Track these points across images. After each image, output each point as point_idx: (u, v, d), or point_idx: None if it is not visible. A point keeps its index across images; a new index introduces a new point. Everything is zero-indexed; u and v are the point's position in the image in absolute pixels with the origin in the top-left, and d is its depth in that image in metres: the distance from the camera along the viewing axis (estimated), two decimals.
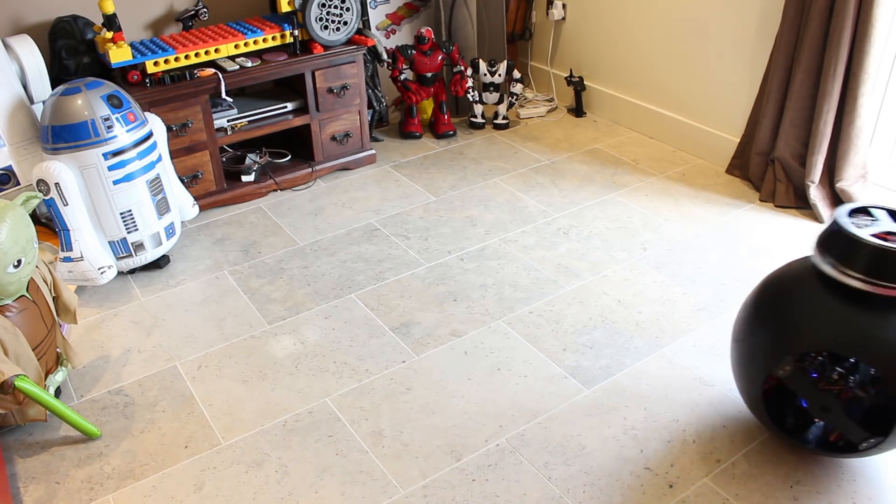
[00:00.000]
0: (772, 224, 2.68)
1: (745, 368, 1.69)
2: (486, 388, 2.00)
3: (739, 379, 1.73)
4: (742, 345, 1.69)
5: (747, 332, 1.68)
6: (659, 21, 3.13)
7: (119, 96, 2.26)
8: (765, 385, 1.66)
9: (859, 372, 1.61)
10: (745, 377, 1.69)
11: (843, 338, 1.52)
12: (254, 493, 1.72)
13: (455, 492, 1.71)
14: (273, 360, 2.12)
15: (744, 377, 1.70)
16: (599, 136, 3.38)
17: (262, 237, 2.69)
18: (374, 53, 3.14)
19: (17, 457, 1.83)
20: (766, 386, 1.67)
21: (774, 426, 1.70)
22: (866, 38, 2.40)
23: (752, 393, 1.69)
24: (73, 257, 2.26)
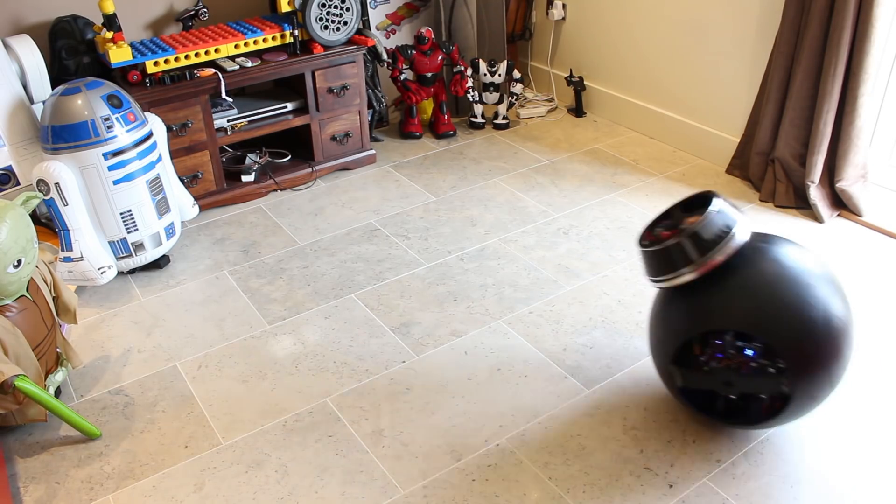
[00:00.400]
0: (772, 224, 2.68)
1: (655, 349, 1.79)
2: (486, 388, 2.00)
3: (655, 358, 1.81)
4: (653, 330, 1.80)
5: (657, 317, 1.78)
6: (659, 21, 3.13)
7: (119, 96, 2.26)
8: (673, 363, 1.75)
9: (748, 345, 1.68)
10: (657, 356, 1.79)
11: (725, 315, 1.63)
12: (254, 493, 1.72)
13: (455, 492, 1.71)
14: (273, 360, 2.12)
15: (657, 356, 1.80)
16: (599, 136, 3.38)
17: (262, 237, 2.69)
18: (374, 53, 3.14)
19: (17, 457, 1.83)
20: (675, 364, 1.75)
21: (687, 403, 1.79)
22: (866, 38, 2.40)
23: (663, 369, 1.79)
24: (73, 257, 2.26)
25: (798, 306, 1.59)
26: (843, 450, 1.78)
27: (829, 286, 1.65)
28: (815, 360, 1.60)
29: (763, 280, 1.62)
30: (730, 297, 1.63)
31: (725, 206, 1.66)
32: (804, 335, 1.59)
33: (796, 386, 1.61)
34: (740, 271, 1.64)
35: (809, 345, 1.59)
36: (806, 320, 1.59)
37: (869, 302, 2.27)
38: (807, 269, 1.65)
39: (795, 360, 1.59)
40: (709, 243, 1.61)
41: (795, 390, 1.61)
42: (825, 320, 1.60)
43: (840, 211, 2.70)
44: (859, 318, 2.21)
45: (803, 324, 1.59)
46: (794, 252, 1.69)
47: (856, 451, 1.78)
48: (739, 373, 1.68)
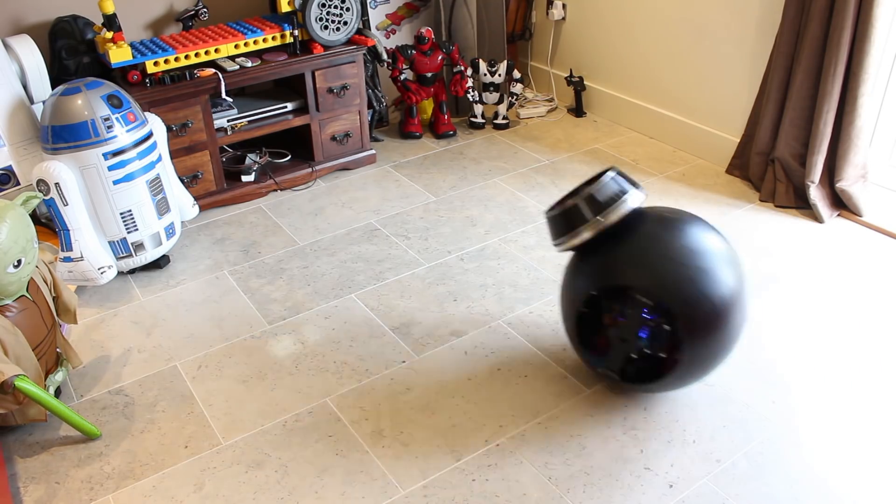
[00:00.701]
0: (772, 224, 2.68)
1: (564, 311, 1.90)
2: (486, 388, 2.00)
3: (564, 320, 1.92)
4: (562, 295, 1.91)
5: (564, 283, 1.90)
6: (659, 21, 3.13)
7: (119, 96, 2.26)
8: (577, 324, 1.87)
9: (643, 305, 1.78)
10: (565, 317, 1.91)
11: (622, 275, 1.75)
12: (254, 493, 1.72)
13: (455, 492, 1.71)
14: (273, 360, 2.12)
15: (564, 318, 1.91)
16: (599, 136, 3.38)
17: (262, 237, 2.69)
18: (374, 53, 3.14)
19: (17, 457, 1.83)
20: (578, 324, 1.87)
21: (590, 362, 1.90)
22: (866, 38, 2.40)
23: (569, 329, 1.91)
24: (73, 257, 2.26)
25: (693, 274, 1.69)
26: (843, 450, 1.79)
27: (726, 262, 1.74)
28: (705, 327, 1.69)
29: (663, 246, 1.72)
30: (629, 258, 1.74)
31: (622, 177, 1.79)
32: (695, 301, 1.68)
33: (685, 349, 1.70)
34: (642, 236, 1.75)
35: (700, 311, 1.68)
36: (699, 288, 1.68)
37: (869, 302, 2.27)
38: (707, 243, 1.75)
39: (685, 324, 1.68)
40: (603, 205, 1.73)
41: (684, 353, 1.71)
42: (717, 291, 1.69)
43: (840, 211, 2.70)
44: (858, 318, 2.21)
45: (695, 290, 1.68)
46: (699, 227, 1.79)
47: (856, 452, 1.78)
48: (633, 331, 1.78)
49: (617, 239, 1.77)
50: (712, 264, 1.71)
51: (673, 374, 1.75)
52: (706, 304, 1.68)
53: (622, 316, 1.80)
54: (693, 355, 1.72)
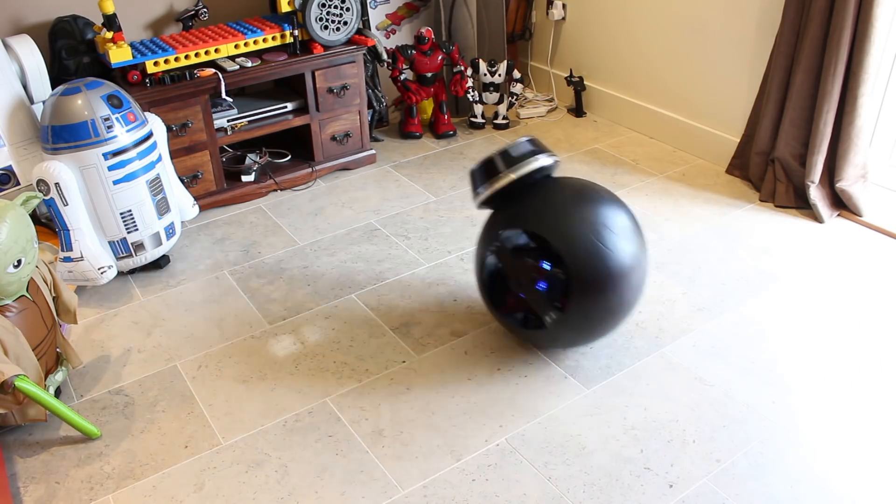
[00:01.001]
0: (772, 224, 2.68)
1: (475, 263, 2.07)
2: (486, 388, 2.00)
3: (475, 272, 2.09)
4: (476, 247, 2.07)
5: (480, 236, 2.05)
6: (659, 21, 3.13)
7: (119, 96, 2.26)
8: (482, 272, 2.05)
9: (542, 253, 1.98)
10: (476, 269, 2.08)
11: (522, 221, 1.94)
12: (254, 493, 1.72)
13: (455, 492, 1.71)
14: (273, 360, 2.12)
15: (475, 270, 2.08)
16: (599, 136, 3.38)
17: (262, 237, 2.69)
18: (374, 53, 3.14)
19: (17, 457, 1.83)
20: (484, 273, 2.05)
21: (497, 313, 2.06)
22: (866, 38, 2.40)
23: (478, 279, 2.07)
24: (73, 257, 2.26)
25: (590, 234, 1.85)
26: (843, 450, 1.79)
27: (626, 231, 1.90)
28: (596, 285, 1.85)
29: (568, 206, 1.89)
30: (535, 212, 1.91)
31: (535, 143, 1.98)
32: (589, 258, 1.84)
33: (572, 300, 1.86)
34: (550, 195, 1.93)
35: (592, 269, 1.84)
36: (594, 247, 1.84)
37: (869, 302, 2.27)
38: (610, 211, 1.90)
39: (578, 278, 1.84)
40: (514, 160, 1.94)
41: (571, 304, 1.87)
42: (613, 255, 1.85)
43: (840, 211, 2.70)
44: (858, 318, 2.21)
45: (591, 249, 1.84)
46: (606, 196, 1.95)
47: (856, 452, 1.78)
48: (529, 276, 1.97)
49: (527, 197, 1.94)
50: (611, 229, 1.87)
51: (564, 325, 1.91)
52: (600, 264, 1.84)
53: (523, 265, 1.99)
54: (583, 311, 1.87)
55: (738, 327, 2.19)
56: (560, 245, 1.85)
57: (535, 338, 2.02)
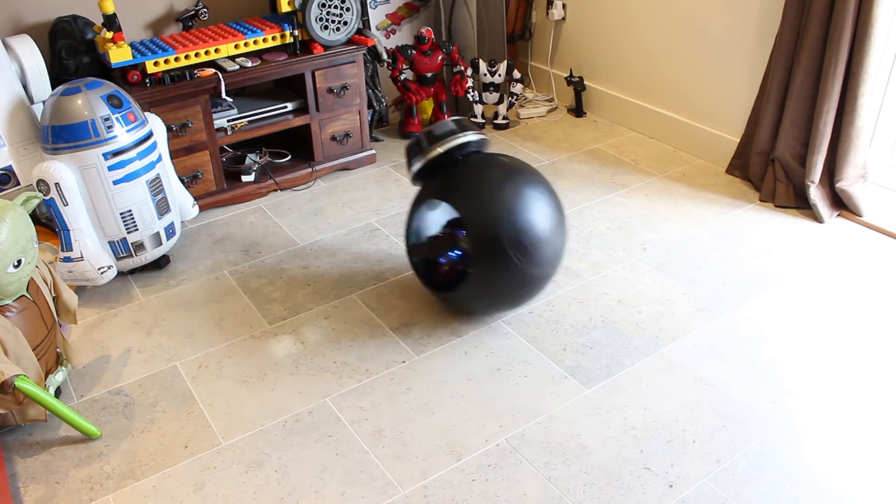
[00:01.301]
0: (772, 224, 2.68)
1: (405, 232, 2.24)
2: (486, 388, 2.00)
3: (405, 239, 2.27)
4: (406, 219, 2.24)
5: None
6: (659, 21, 3.13)
7: (119, 96, 2.26)
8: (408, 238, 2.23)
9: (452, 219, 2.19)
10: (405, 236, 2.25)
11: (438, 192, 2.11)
12: (254, 493, 1.72)
13: (455, 492, 1.71)
14: (273, 360, 2.12)
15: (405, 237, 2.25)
16: (599, 136, 3.38)
17: (262, 237, 2.69)
18: (374, 53, 3.14)
19: (17, 457, 1.83)
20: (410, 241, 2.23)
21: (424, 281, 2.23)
22: (866, 38, 2.40)
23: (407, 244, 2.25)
24: (73, 257, 2.26)
25: (497, 205, 1.98)
26: (843, 450, 1.79)
27: (542, 207, 2.02)
28: (495, 251, 1.98)
29: (487, 181, 2.03)
30: (455, 185, 2.06)
31: (463, 122, 2.15)
32: (490, 227, 1.98)
33: (476, 264, 2.01)
34: (472, 170, 2.07)
35: (493, 236, 1.98)
36: (497, 218, 1.97)
37: (869, 302, 2.27)
38: (528, 189, 2.03)
39: (478, 242, 1.99)
40: (438, 137, 2.10)
41: (475, 267, 2.02)
42: (516, 226, 1.98)
43: (840, 211, 2.70)
44: (858, 318, 2.21)
45: (494, 218, 1.98)
46: (528, 174, 2.07)
47: (856, 451, 1.78)
48: (440, 238, 2.20)
49: (449, 171, 2.10)
50: (523, 205, 1.99)
51: (463, 284, 2.07)
52: (501, 233, 1.97)
53: (440, 232, 2.22)
54: (487, 278, 2.02)
55: (738, 327, 2.19)
56: (466, 214, 2.01)
57: (456, 301, 2.16)
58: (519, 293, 2.08)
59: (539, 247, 2.01)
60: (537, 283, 2.08)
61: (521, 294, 2.09)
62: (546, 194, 2.07)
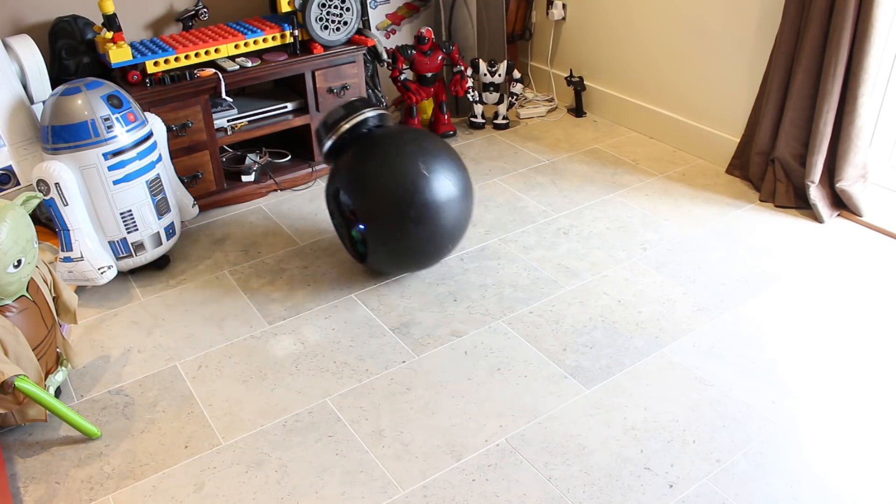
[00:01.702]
0: (772, 224, 2.68)
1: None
2: (486, 388, 2.00)
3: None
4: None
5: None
6: (659, 21, 3.13)
7: (119, 96, 2.26)
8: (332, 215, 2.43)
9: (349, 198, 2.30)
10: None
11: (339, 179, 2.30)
12: (254, 493, 1.72)
13: (455, 492, 1.71)
14: (273, 360, 2.12)
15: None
16: (599, 136, 3.38)
17: (262, 237, 2.69)
18: (374, 53, 3.14)
19: (17, 457, 1.83)
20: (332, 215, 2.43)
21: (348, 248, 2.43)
22: (866, 38, 2.40)
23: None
24: (73, 257, 2.26)
25: (394, 188, 2.16)
26: (843, 450, 1.79)
27: (439, 176, 2.18)
28: (389, 226, 2.19)
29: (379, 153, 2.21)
30: (355, 162, 2.24)
31: (360, 103, 2.31)
32: (384, 202, 2.17)
33: (371, 235, 2.23)
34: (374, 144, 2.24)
35: (385, 211, 2.17)
36: (389, 187, 2.16)
37: (869, 302, 2.27)
38: (431, 156, 2.20)
39: (371, 216, 2.20)
40: (331, 125, 2.30)
41: (370, 239, 2.24)
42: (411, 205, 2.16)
43: (840, 211, 2.70)
44: (858, 318, 2.21)
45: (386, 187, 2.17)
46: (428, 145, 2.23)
47: (856, 452, 1.78)
48: (344, 217, 2.35)
49: (353, 146, 2.28)
50: (413, 171, 2.17)
51: (367, 255, 2.30)
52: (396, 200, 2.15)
53: (347, 207, 2.34)
54: (376, 242, 2.23)
55: (738, 327, 2.19)
56: (359, 185, 2.20)
57: (373, 264, 2.35)
58: (417, 257, 2.27)
59: (440, 212, 2.19)
60: (437, 247, 2.26)
61: (419, 257, 2.28)
62: (450, 165, 2.23)
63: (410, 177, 2.16)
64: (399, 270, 2.38)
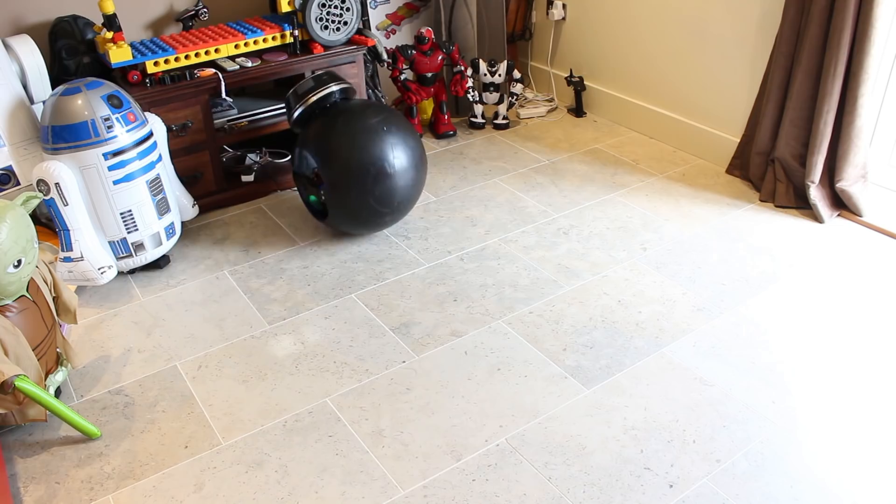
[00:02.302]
0: (772, 224, 2.68)
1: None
2: (486, 388, 2.00)
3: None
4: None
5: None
6: (659, 21, 3.13)
7: (119, 96, 2.26)
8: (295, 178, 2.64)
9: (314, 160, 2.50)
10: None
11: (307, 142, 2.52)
12: (254, 493, 1.72)
13: (455, 492, 1.71)
14: (273, 360, 2.12)
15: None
16: (599, 136, 3.38)
17: (262, 237, 2.69)
18: (374, 53, 3.14)
19: (17, 457, 1.83)
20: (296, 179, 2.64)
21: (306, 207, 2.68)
22: (866, 38, 2.40)
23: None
24: (73, 257, 2.26)
25: (352, 154, 2.40)
26: (843, 450, 1.79)
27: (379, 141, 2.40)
28: (345, 187, 2.42)
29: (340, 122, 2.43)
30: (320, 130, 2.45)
31: (327, 76, 2.53)
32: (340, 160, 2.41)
33: (331, 198, 2.46)
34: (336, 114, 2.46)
35: (343, 175, 2.41)
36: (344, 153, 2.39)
37: (869, 302, 2.27)
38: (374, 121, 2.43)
39: (330, 179, 2.43)
40: (301, 95, 2.50)
41: (330, 201, 2.47)
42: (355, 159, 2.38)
43: (840, 211, 2.70)
44: (858, 318, 2.21)
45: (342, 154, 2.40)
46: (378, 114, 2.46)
47: (856, 452, 1.78)
48: (310, 179, 2.55)
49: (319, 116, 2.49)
50: (366, 140, 2.39)
51: (329, 216, 2.52)
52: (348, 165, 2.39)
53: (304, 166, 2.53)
54: (336, 204, 2.46)
55: (738, 327, 2.19)
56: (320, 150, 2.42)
57: (331, 223, 2.56)
58: (370, 219, 2.49)
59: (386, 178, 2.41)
60: (386, 209, 2.47)
61: (372, 220, 2.49)
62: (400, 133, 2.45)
63: (369, 147, 2.39)
64: (355, 230, 2.59)
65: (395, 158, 2.41)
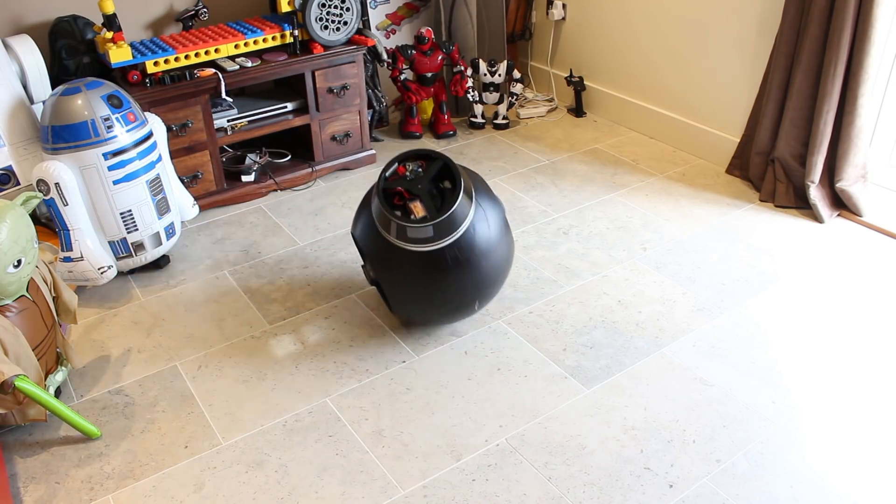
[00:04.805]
0: (772, 224, 2.68)
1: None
2: (486, 388, 2.00)
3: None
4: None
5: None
6: (659, 21, 3.13)
7: (119, 96, 2.26)
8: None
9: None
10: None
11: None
12: (254, 493, 1.72)
13: (455, 492, 1.71)
14: (273, 360, 2.12)
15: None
16: (599, 136, 3.38)
17: (262, 237, 2.69)
18: (374, 53, 3.14)
19: (17, 457, 1.83)
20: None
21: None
22: (866, 38, 2.40)
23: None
24: (73, 257, 2.26)
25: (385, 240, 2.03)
26: (843, 450, 1.79)
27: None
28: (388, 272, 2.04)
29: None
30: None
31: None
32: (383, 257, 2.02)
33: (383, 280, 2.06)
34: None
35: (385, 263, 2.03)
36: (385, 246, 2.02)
37: (869, 302, 2.27)
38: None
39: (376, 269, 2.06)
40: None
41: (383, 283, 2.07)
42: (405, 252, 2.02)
43: (840, 211, 2.70)
44: (858, 318, 2.21)
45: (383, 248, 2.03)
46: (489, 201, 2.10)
47: (856, 452, 1.78)
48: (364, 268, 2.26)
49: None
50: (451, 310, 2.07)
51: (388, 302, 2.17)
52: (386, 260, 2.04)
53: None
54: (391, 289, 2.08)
55: (738, 327, 2.19)
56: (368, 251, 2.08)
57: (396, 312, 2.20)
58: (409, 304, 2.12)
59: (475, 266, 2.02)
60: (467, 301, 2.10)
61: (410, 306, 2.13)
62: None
63: (458, 316, 2.13)
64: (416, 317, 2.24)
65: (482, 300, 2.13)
